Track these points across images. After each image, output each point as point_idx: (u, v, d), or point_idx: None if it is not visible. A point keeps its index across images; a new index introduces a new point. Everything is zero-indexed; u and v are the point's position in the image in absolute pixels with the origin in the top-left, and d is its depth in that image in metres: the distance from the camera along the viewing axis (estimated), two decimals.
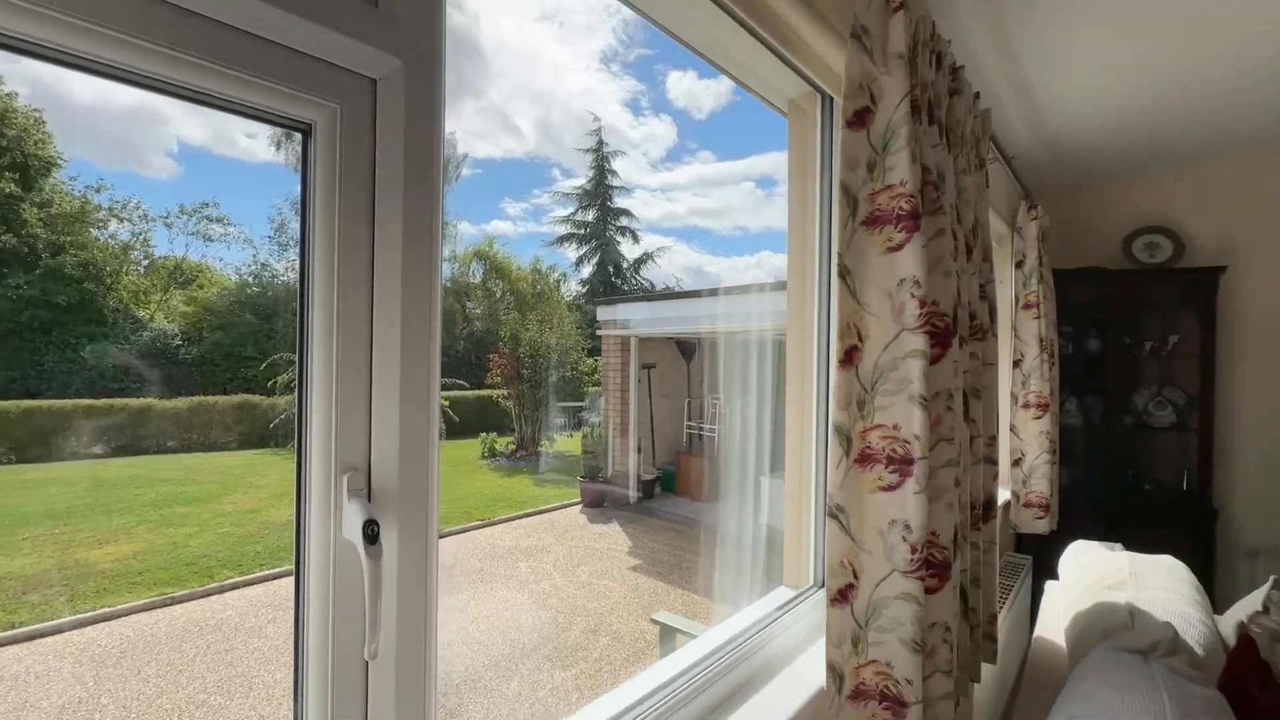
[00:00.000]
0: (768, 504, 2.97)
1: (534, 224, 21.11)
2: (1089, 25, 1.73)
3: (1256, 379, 2.81)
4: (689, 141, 25.61)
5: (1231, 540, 2.86)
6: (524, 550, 4.73)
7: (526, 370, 8.43)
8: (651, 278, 18.24)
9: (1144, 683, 0.92)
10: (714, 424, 6.29)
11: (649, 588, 4.11)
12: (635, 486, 6.36)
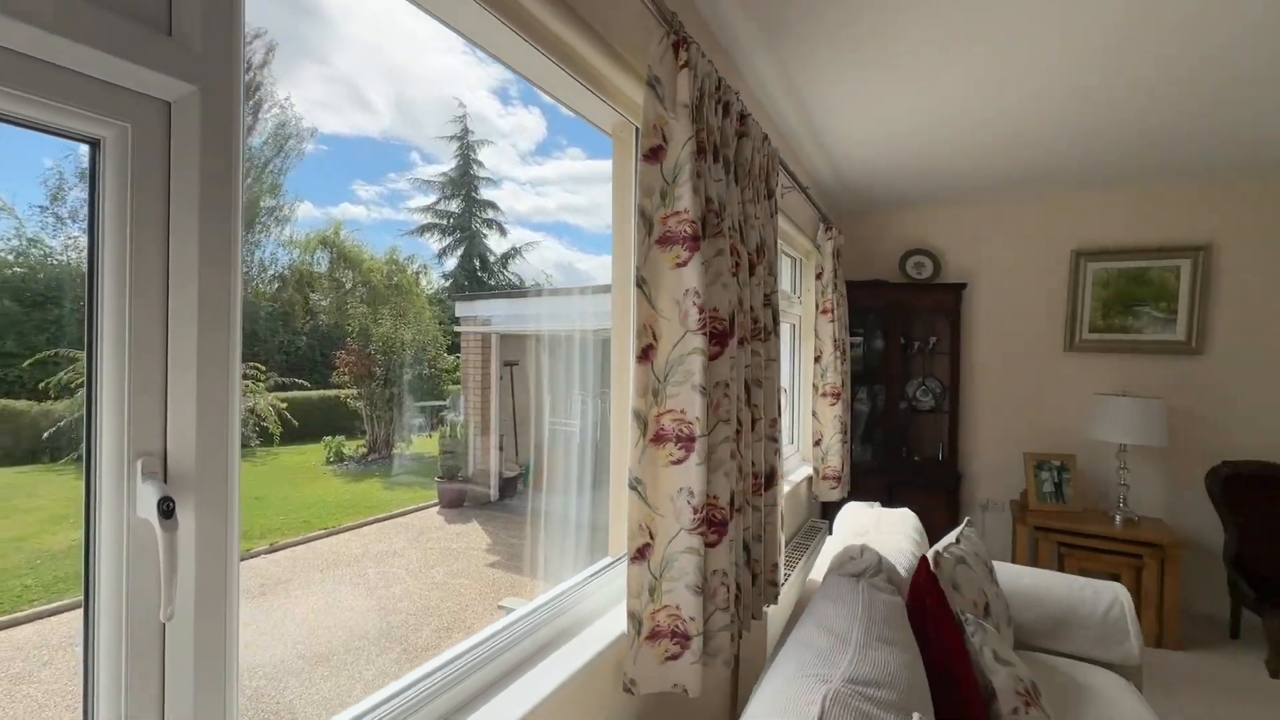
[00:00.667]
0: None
1: (390, 210, 19.55)
2: (861, 91, 2.15)
3: (987, 372, 3.62)
4: (559, 136, 25.49)
5: (971, 496, 3.65)
6: (373, 556, 4.52)
7: (379, 368, 7.93)
8: (521, 273, 17.93)
9: (851, 596, 1.24)
10: (573, 419, 6.46)
11: (507, 582, 4.16)
12: (496, 484, 6.32)
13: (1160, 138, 2.54)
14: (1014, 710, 1.15)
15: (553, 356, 6.35)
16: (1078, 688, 1.63)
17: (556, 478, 5.10)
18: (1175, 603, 2.71)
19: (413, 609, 3.65)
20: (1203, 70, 1.96)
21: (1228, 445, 3.03)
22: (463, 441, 6.48)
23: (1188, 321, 3.11)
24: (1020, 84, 2.08)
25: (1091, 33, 1.76)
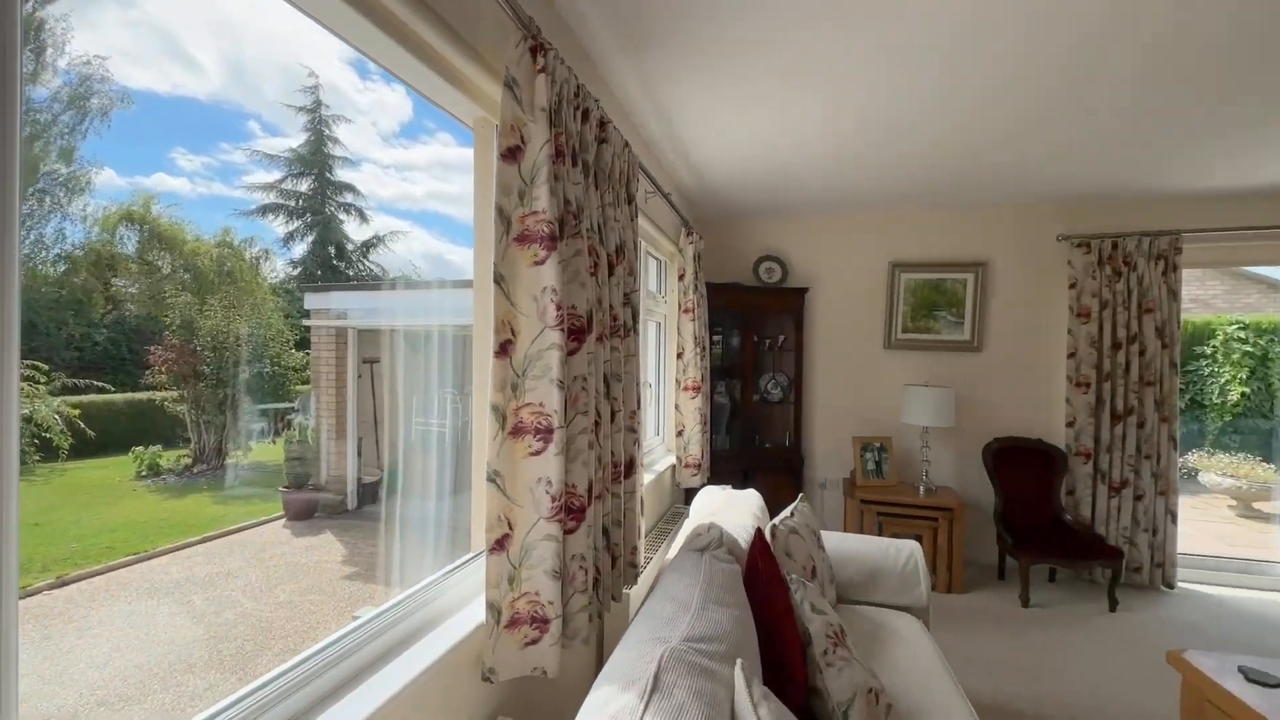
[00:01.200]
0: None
1: (222, 185, 16.98)
2: (718, 108, 2.34)
3: (825, 366, 4.11)
4: (426, 120, 23.87)
5: (812, 476, 4.12)
6: (199, 581, 3.97)
7: (208, 366, 6.93)
8: (386, 263, 16.58)
9: (695, 567, 1.38)
10: (444, 418, 6.18)
11: (365, 593, 3.89)
12: (354, 491, 5.85)
13: (951, 172, 3.08)
14: (824, 651, 1.37)
15: (416, 353, 6.02)
16: (880, 628, 1.95)
17: (420, 480, 4.86)
18: (960, 554, 3.31)
19: (252, 633, 3.27)
20: (983, 122, 2.42)
21: (997, 425, 3.76)
22: (314, 446, 5.91)
23: (971, 324, 3.79)
24: (849, 117, 2.40)
25: (903, 83, 2.09)
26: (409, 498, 4.74)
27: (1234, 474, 5.72)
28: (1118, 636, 2.82)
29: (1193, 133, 2.50)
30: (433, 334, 5.34)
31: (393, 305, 6.21)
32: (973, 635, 2.82)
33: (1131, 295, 3.41)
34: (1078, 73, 2.00)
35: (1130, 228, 3.51)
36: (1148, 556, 3.39)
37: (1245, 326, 6.45)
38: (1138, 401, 3.42)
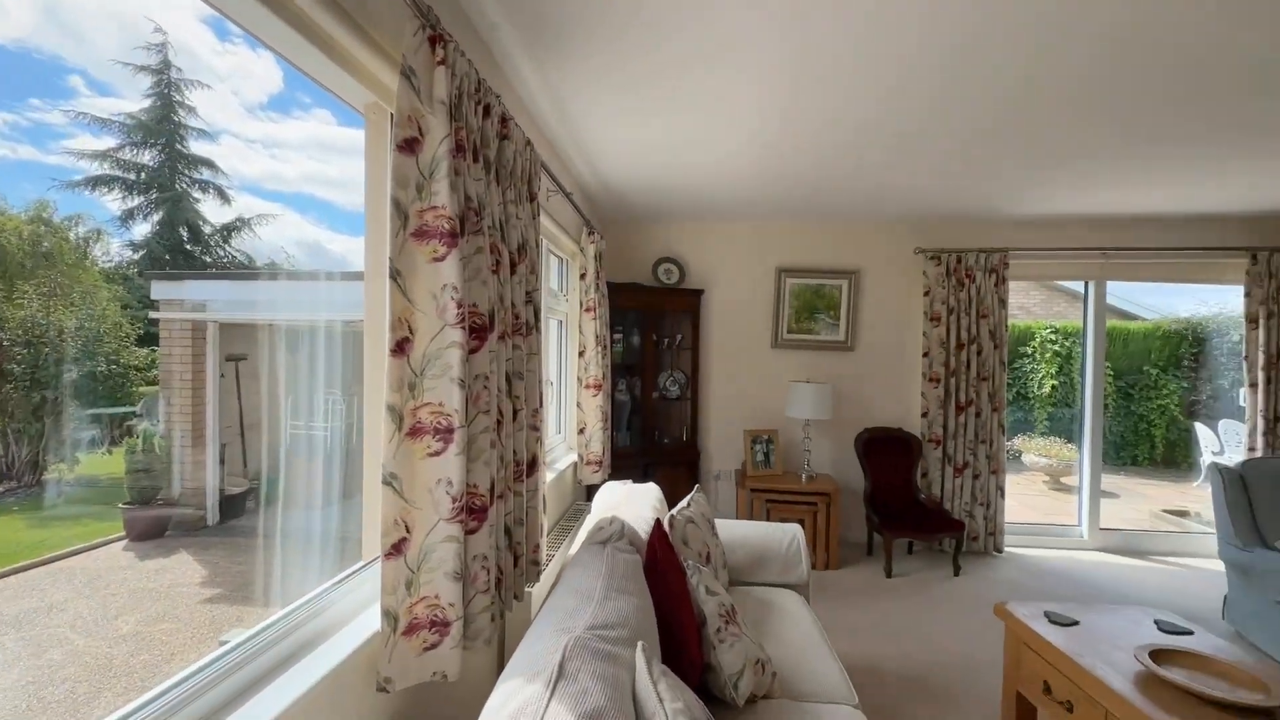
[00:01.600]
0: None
1: (35, 149, 14.34)
2: (620, 113, 2.39)
3: (719, 364, 4.33)
4: (301, 93, 21.71)
5: (708, 469, 4.34)
6: (9, 620, 3.36)
7: (18, 365, 5.84)
8: (252, 250, 14.85)
9: (597, 560, 1.43)
10: (327, 421, 5.72)
11: (233, 616, 3.51)
12: (216, 504, 5.23)
13: (832, 189, 3.39)
14: (718, 630, 1.47)
15: (296, 350, 5.51)
16: (767, 605, 2.12)
17: (302, 488, 4.46)
18: (835, 534, 3.66)
19: (85, 674, 2.83)
20: (858, 149, 2.68)
21: (867, 416, 4.19)
22: (163, 456, 5.20)
23: (846, 326, 4.19)
24: (743, 132, 2.56)
25: (791, 106, 2.27)
26: (289, 508, 4.34)
27: (1046, 454, 6.83)
28: (960, 597, 3.28)
29: (1014, 173, 2.96)
30: (315, 329, 4.91)
31: (265, 297, 5.63)
32: (846, 606, 3.13)
33: (971, 303, 3.96)
34: (932, 119, 2.30)
35: (971, 245, 4.07)
36: (983, 527, 3.96)
37: (1056, 330, 7.71)
38: (976, 394, 3.98)
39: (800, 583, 2.39)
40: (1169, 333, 7.47)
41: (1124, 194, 3.39)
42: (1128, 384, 7.51)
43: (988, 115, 2.34)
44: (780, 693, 1.58)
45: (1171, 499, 6.21)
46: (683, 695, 1.01)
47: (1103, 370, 4.21)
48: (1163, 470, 7.43)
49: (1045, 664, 1.85)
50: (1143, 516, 5.48)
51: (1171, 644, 1.76)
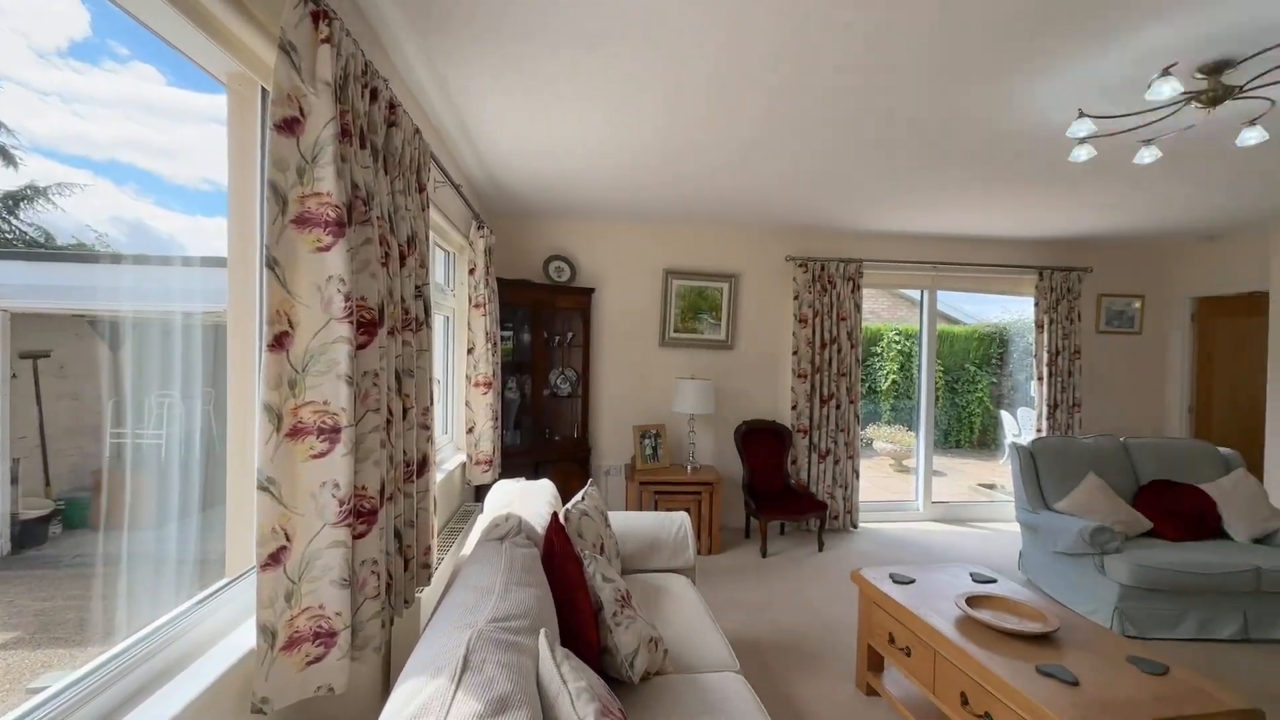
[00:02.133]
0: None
1: None
2: (512, 108, 2.36)
3: (610, 362, 4.43)
4: (115, 43, 18.38)
5: (599, 464, 4.41)
6: None
7: None
8: (52, 225, 12.31)
9: (495, 556, 1.43)
10: (160, 428, 4.95)
11: (37, 662, 2.94)
12: (10, 533, 4.32)
13: (716, 197, 3.61)
14: (614, 613, 1.54)
15: (126, 345, 4.71)
16: (658, 589, 2.24)
17: (139, 503, 3.83)
18: (718, 521, 3.91)
19: None
20: (741, 166, 2.89)
21: (745, 410, 4.52)
22: None
23: (726, 327, 4.49)
24: (635, 137, 2.65)
25: (681, 116, 2.39)
26: (114, 528, 3.71)
27: (892, 441, 7.81)
28: (824, 569, 3.67)
29: (860, 194, 3.37)
30: (148, 321, 4.24)
31: (79, 282, 4.74)
32: (728, 585, 3.37)
33: (833, 307, 4.44)
34: (799, 145, 2.56)
35: (833, 255, 4.55)
36: (842, 506, 4.46)
37: (899, 332, 8.83)
38: (836, 388, 4.46)
39: (688, 567, 2.55)
40: (983, 335, 8.87)
41: (948, 218, 4.00)
42: (952, 379, 8.81)
43: (826, 147, 2.65)
44: (672, 668, 1.69)
45: (984, 475, 7.40)
46: (585, 675, 1.06)
47: (934, 367, 4.92)
48: (978, 451, 8.81)
49: (889, 617, 2.15)
50: (963, 490, 6.47)
51: (981, 591, 2.14)
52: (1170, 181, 3.17)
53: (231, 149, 1.39)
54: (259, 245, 1.40)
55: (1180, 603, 2.81)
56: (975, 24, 1.71)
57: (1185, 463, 3.45)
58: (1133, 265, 4.95)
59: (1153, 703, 1.51)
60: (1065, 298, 4.69)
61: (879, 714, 2.18)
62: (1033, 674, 1.63)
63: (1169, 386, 4.99)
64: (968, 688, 1.75)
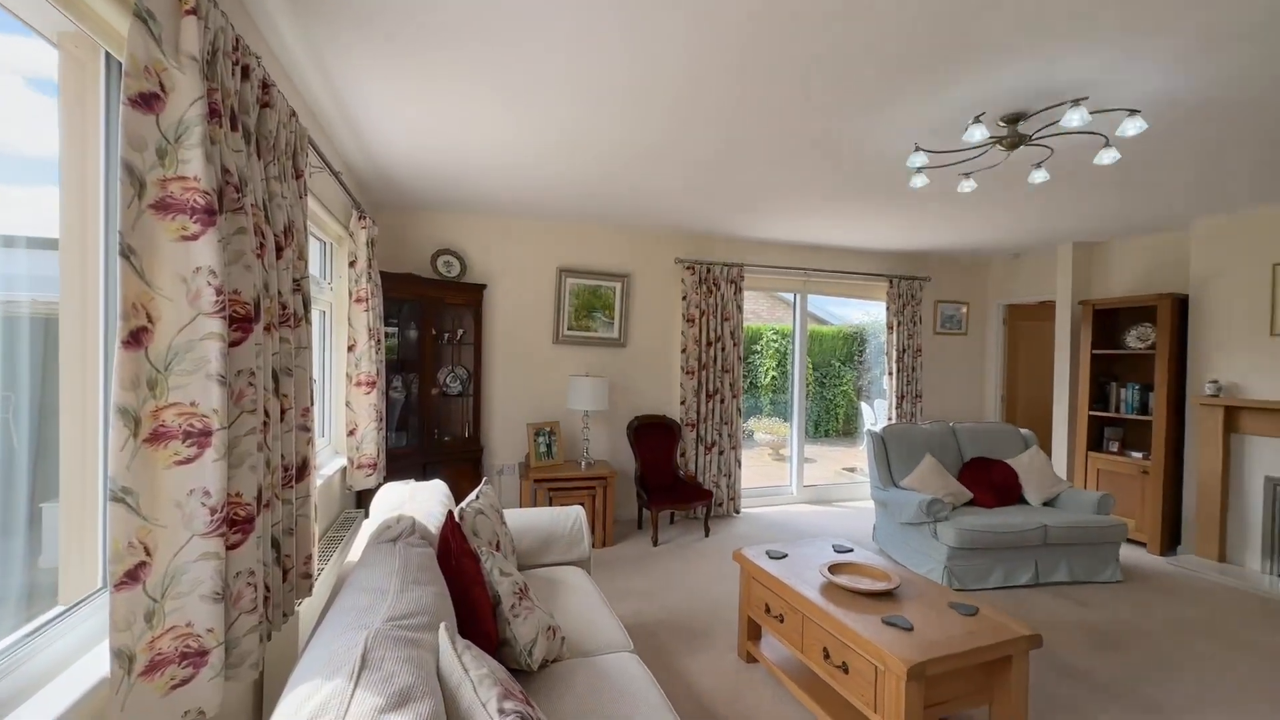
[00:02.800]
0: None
1: None
2: (401, 95, 2.27)
3: (503, 359, 4.36)
4: None
5: (492, 464, 4.33)
6: None
7: None
8: None
9: (389, 557, 1.40)
10: None
11: None
12: None
13: (610, 197, 3.70)
14: (511, 606, 1.57)
15: None
16: (555, 582, 2.29)
17: None
18: (611, 514, 4.02)
19: None
20: (637, 167, 3.00)
21: (637, 406, 4.69)
22: None
23: (619, 325, 4.61)
24: (531, 134, 2.66)
25: (581, 116, 2.44)
26: None
27: (770, 432, 8.45)
28: (710, 553, 3.92)
29: (746, 203, 3.66)
30: None
31: None
32: (622, 574, 3.49)
33: (718, 307, 4.74)
34: (683, 157, 2.72)
35: (718, 259, 4.85)
36: (726, 494, 4.78)
37: (777, 332, 9.57)
38: (720, 384, 4.77)
39: (583, 559, 2.62)
40: (847, 335, 9.88)
41: (817, 230, 4.44)
42: (822, 374, 9.72)
43: (714, 158, 2.87)
44: (570, 654, 1.75)
45: (848, 460, 8.26)
46: (486, 663, 1.09)
47: (805, 364, 5.42)
48: (844, 439, 9.80)
49: (765, 589, 2.38)
50: (830, 474, 7.18)
51: (841, 560, 2.44)
52: (984, 208, 3.79)
53: (65, 119, 1.23)
54: (103, 230, 1.26)
55: (991, 558, 3.39)
56: (839, 67, 1.95)
57: (997, 442, 4.14)
58: (961, 277, 5.82)
59: (966, 636, 1.84)
60: (910, 303, 5.40)
61: (757, 677, 2.41)
62: (879, 624, 1.91)
63: (987, 379, 5.93)
64: (829, 643, 2.00)
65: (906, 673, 1.68)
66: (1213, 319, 3.93)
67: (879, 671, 1.79)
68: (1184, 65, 1.92)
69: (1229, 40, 1.77)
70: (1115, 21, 1.69)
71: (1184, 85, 2.05)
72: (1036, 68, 1.94)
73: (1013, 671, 1.87)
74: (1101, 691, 2.35)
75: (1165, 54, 1.86)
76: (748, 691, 2.31)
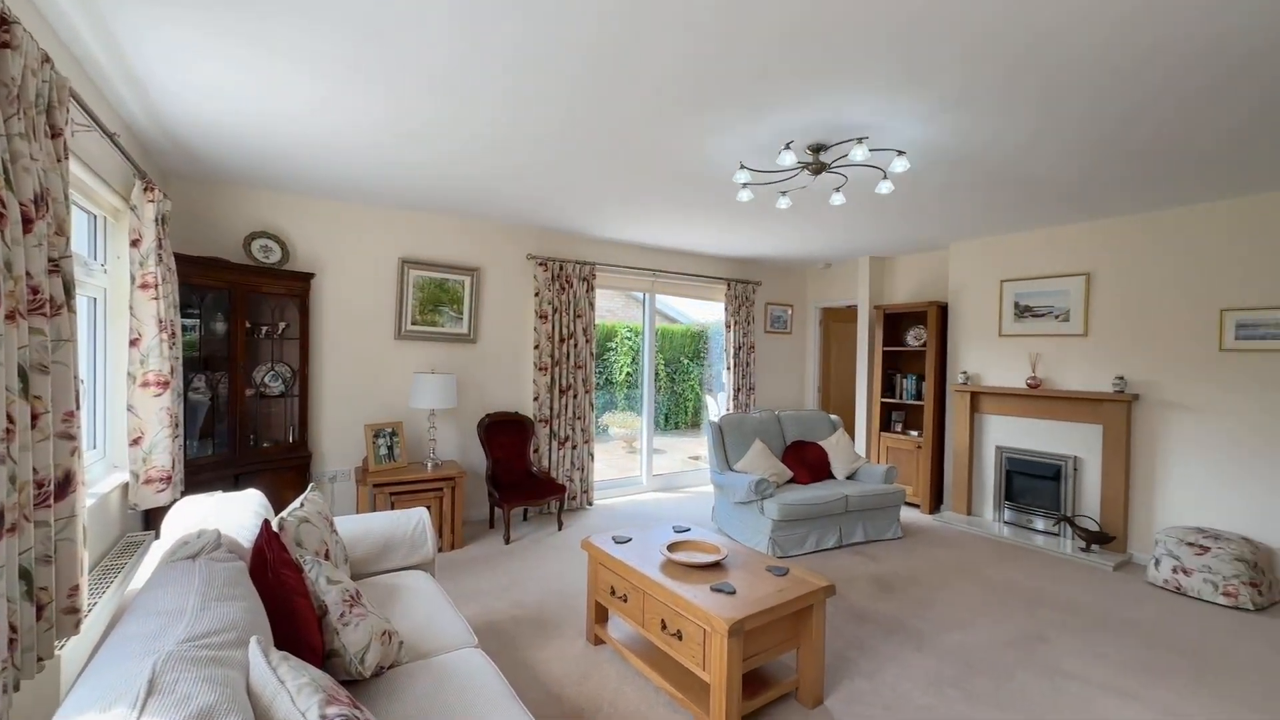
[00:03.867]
0: None
1: None
2: (198, 52, 1.97)
3: (336, 356, 3.99)
4: None
5: (323, 470, 3.95)
6: None
7: None
8: None
9: (187, 575, 1.25)
10: None
11: None
12: None
13: (458, 188, 3.57)
14: (341, 615, 1.48)
15: None
16: (396, 588, 2.18)
17: None
18: (460, 514, 3.90)
19: None
20: (486, 158, 2.93)
21: (489, 403, 4.59)
22: None
23: (469, 320, 4.47)
24: (370, 111, 2.47)
25: (424, 97, 2.32)
26: None
27: (625, 426, 8.76)
28: (563, 545, 3.99)
29: (595, 203, 3.78)
30: None
31: None
32: (472, 575, 3.41)
33: (570, 305, 4.81)
34: (533, 153, 2.75)
35: (570, 256, 4.93)
36: (579, 487, 4.88)
37: (631, 329, 9.94)
38: (574, 380, 4.85)
39: (427, 560, 2.52)
40: (694, 333, 10.58)
41: (664, 233, 4.72)
42: (673, 370, 10.30)
43: (557, 159, 2.95)
44: (409, 658, 1.70)
45: (694, 449, 8.87)
46: (307, 672, 1.04)
47: (654, 360, 5.73)
48: (692, 430, 10.50)
49: (611, 573, 2.51)
50: (679, 463, 7.66)
51: (679, 539, 2.65)
52: (800, 224, 4.34)
53: None
54: None
55: (806, 527, 3.92)
56: (673, 85, 2.12)
57: (812, 427, 4.77)
58: (786, 282, 6.57)
59: (777, 594, 2.13)
60: (745, 305, 5.97)
61: (604, 658, 2.53)
62: (708, 592, 2.13)
63: (807, 372, 6.77)
64: (665, 614, 2.18)
65: (728, 630, 1.90)
66: (963, 322, 4.93)
67: (706, 633, 2.00)
68: (928, 122, 2.42)
69: (954, 106, 2.27)
70: (881, 82, 2.08)
71: (932, 137, 2.57)
72: (831, 107, 2.30)
73: (814, 618, 2.21)
74: (883, 628, 2.86)
75: (917, 111, 2.31)
76: (594, 671, 2.42)
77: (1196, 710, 2.24)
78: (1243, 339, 3.48)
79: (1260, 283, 3.42)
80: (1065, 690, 2.35)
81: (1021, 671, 2.49)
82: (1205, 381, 3.63)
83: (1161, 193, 3.41)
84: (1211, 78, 2.02)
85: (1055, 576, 3.59)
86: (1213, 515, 3.58)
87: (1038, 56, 1.90)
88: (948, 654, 2.62)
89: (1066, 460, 4.24)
